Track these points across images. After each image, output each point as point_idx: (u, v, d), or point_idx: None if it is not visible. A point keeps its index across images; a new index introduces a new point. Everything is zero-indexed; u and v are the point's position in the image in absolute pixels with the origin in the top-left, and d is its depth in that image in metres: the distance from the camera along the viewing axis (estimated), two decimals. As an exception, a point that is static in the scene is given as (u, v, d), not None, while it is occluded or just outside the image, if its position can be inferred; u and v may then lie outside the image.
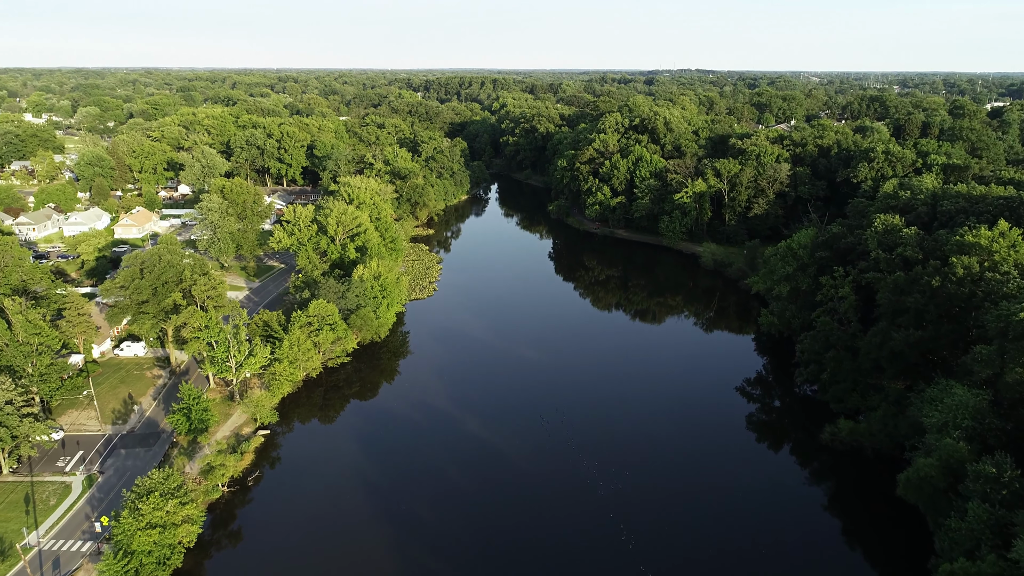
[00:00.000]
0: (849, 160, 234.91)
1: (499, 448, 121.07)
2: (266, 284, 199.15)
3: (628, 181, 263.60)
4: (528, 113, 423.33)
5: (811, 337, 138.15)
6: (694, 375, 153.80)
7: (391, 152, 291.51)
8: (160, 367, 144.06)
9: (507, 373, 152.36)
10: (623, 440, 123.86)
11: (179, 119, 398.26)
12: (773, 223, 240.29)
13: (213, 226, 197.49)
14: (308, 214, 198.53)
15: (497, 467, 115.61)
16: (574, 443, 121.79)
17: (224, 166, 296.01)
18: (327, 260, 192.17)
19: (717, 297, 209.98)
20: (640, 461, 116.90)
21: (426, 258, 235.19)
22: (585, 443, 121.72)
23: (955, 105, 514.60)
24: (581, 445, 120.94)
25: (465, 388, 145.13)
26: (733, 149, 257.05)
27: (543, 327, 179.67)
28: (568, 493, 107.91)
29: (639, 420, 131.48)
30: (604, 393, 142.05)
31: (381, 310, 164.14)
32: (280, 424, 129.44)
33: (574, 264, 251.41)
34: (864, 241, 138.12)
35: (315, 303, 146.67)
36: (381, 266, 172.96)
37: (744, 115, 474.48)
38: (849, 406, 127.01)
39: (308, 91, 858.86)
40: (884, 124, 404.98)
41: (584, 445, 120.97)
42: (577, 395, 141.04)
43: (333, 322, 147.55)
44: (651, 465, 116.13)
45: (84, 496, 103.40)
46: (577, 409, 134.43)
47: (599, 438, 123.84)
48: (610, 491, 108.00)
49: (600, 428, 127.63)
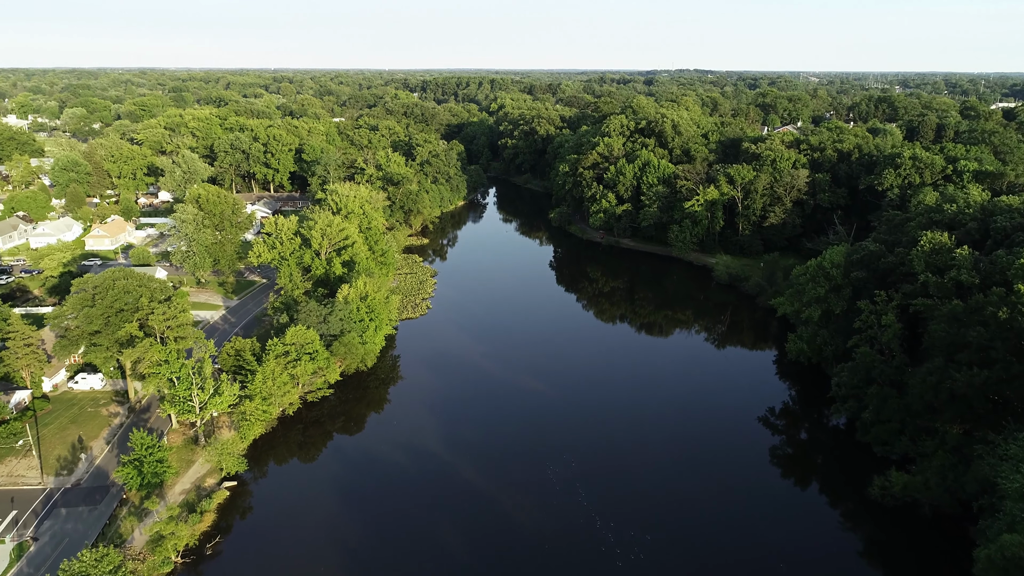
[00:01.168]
0: (871, 166, 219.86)
1: (499, 504, 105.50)
2: (245, 302, 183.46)
3: (634, 188, 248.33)
4: (527, 115, 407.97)
5: (849, 369, 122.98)
6: (713, 404, 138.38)
7: (384, 156, 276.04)
8: (119, 402, 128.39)
9: (507, 407, 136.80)
10: (639, 491, 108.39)
11: (164, 121, 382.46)
12: (790, 233, 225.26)
13: (188, 239, 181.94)
14: (291, 226, 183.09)
15: (497, 528, 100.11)
16: (584, 496, 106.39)
17: (207, 171, 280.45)
18: (311, 276, 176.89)
19: (732, 314, 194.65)
20: (660, 518, 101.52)
21: (420, 271, 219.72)
22: (596, 496, 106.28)
23: (965, 106, 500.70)
24: (592, 500, 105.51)
25: (460, 426, 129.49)
26: (746, 154, 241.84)
27: (544, 350, 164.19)
28: (580, 562, 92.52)
29: (655, 464, 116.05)
30: (614, 430, 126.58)
31: (368, 334, 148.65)
32: (251, 468, 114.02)
33: (577, 276, 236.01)
34: (908, 261, 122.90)
35: (293, 330, 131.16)
36: (369, 285, 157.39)
37: (750, 116, 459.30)
38: (897, 451, 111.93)
39: (303, 91, 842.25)
40: (896, 126, 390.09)
41: (595, 499, 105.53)
42: (584, 433, 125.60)
43: (314, 350, 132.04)
44: (672, 523, 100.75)
45: (11, 571, 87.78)
46: (585, 452, 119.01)
47: (612, 490, 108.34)
48: (628, 561, 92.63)
49: (613, 477, 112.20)
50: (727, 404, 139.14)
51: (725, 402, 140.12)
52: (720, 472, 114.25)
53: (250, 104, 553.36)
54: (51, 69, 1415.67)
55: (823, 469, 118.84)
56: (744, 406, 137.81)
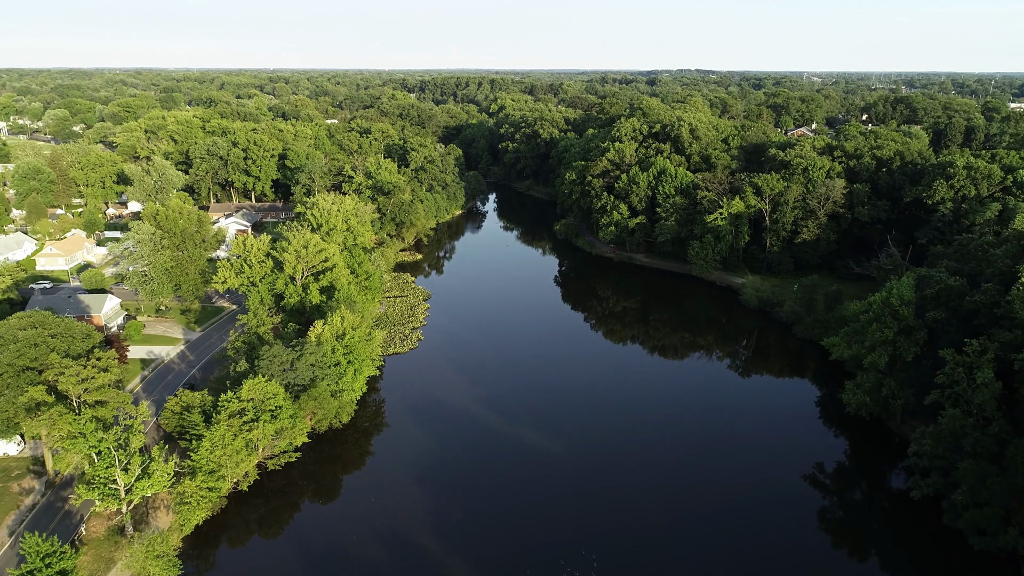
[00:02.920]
0: (917, 175, 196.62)
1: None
2: (209, 334, 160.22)
3: (649, 198, 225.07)
4: (529, 117, 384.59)
5: (932, 435, 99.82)
6: (751, 455, 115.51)
7: (374, 163, 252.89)
8: (36, 474, 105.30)
9: (509, 478, 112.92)
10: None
11: (146, 123, 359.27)
12: (824, 251, 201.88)
13: (143, 261, 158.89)
14: (262, 246, 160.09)
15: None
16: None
17: (181, 180, 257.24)
18: (284, 305, 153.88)
19: (765, 345, 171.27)
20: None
21: (411, 293, 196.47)
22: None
23: (987, 107, 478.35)
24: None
25: (452, 507, 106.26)
26: (773, 161, 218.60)
27: (553, 394, 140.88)
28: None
29: (687, 550, 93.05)
30: (635, 506, 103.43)
31: (346, 380, 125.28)
32: (193, 563, 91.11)
33: (586, 296, 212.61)
34: (1008, 303, 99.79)
35: (250, 383, 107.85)
36: (349, 319, 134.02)
37: (763, 118, 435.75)
38: (1002, 545, 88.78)
39: (299, 92, 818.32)
40: (922, 129, 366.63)
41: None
42: (603, 507, 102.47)
43: (276, 407, 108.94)
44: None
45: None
46: (607, 542, 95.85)
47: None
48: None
49: (640, 565, 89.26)
50: (766, 454, 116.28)
51: (764, 451, 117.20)
52: (758, 537, 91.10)
53: (241, 106, 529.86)
54: (46, 69, 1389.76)
55: (896, 554, 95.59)
56: (787, 458, 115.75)
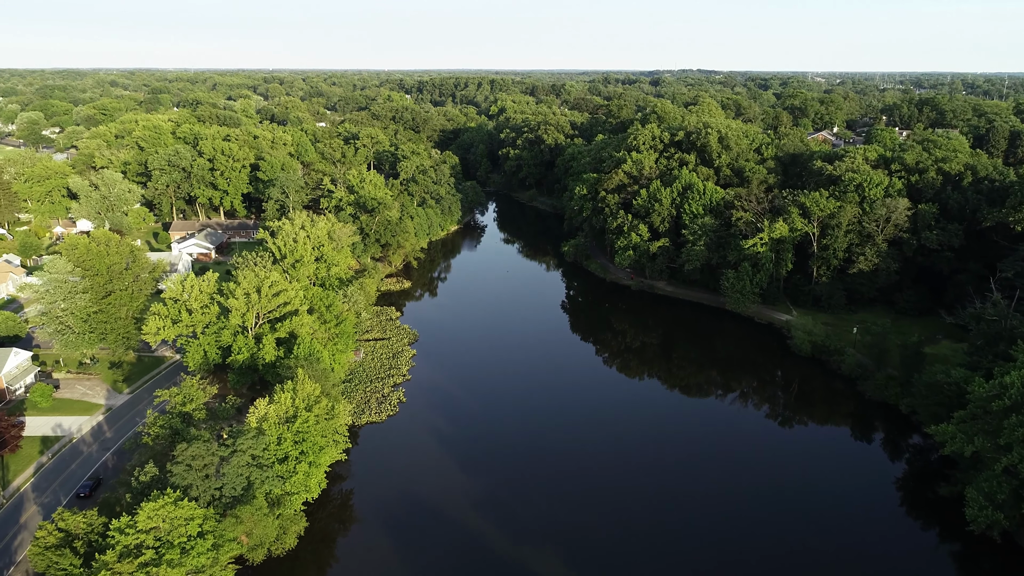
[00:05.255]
0: (995, 194, 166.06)
1: None
2: (139, 397, 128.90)
3: (673, 218, 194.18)
4: (532, 120, 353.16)
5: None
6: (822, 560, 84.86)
7: (356, 176, 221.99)
8: None
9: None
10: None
11: (116, 128, 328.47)
12: (883, 282, 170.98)
13: (59, 307, 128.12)
14: (207, 287, 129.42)
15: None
16: None
17: (138, 194, 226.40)
18: (231, 361, 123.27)
19: (827, 408, 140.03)
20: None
21: (395, 335, 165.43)
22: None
23: (1018, 108, 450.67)
24: None
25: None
26: (819, 175, 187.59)
27: (566, 483, 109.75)
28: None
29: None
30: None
31: (295, 481, 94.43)
32: None
33: (599, 331, 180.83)
34: None
35: (151, 507, 77.07)
36: (303, 391, 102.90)
37: (783, 122, 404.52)
38: None
39: (293, 93, 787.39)
40: (960, 133, 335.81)
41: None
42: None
43: (188, 537, 78.12)
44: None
45: None
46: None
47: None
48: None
49: None
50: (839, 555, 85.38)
51: (834, 548, 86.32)
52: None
53: (228, 107, 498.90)
54: (40, 70, 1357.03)
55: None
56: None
